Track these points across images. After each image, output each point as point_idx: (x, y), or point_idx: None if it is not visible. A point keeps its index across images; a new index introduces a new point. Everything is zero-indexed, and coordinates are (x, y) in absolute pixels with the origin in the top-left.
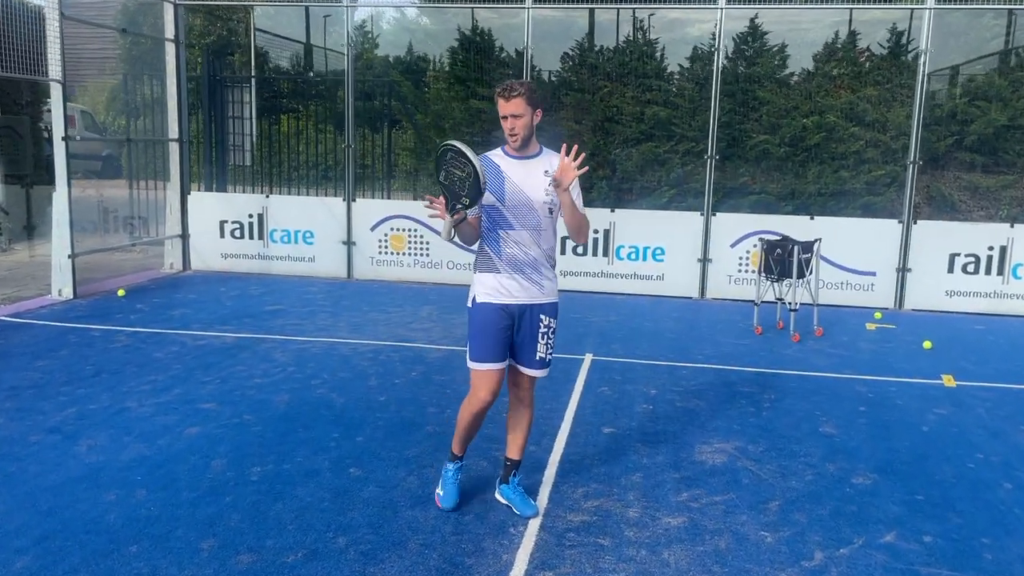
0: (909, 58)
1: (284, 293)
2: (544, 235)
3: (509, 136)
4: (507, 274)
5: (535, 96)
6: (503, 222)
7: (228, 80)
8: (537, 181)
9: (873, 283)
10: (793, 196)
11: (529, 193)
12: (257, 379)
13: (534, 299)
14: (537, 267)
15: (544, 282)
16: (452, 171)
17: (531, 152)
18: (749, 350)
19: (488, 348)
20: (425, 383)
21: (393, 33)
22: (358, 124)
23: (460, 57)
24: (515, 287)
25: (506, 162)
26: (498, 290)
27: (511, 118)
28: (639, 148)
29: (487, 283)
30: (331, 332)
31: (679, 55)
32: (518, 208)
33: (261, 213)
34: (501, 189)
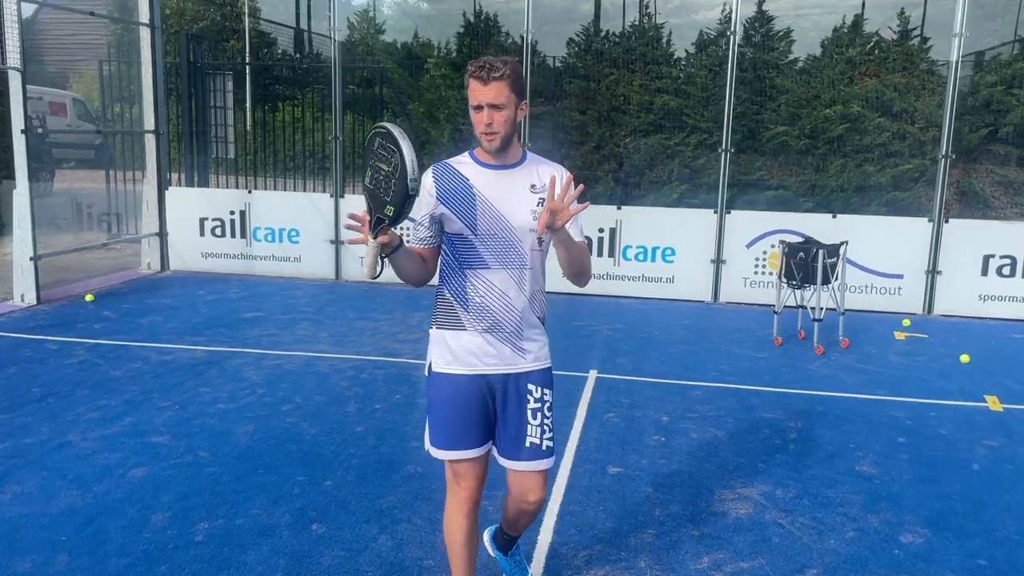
0: (915, 43)
1: (266, 297)
2: (530, 276)
3: (484, 136)
4: (476, 332)
5: (521, 82)
6: (472, 258)
7: (209, 67)
8: (521, 199)
9: (900, 287)
10: (813, 192)
11: (510, 217)
12: (221, 404)
13: (515, 366)
14: (520, 322)
15: (529, 344)
16: (378, 166)
17: (512, 159)
18: (769, 365)
19: (457, 429)
20: (409, 409)
21: (394, 18)
22: (350, 114)
23: (467, 42)
24: (488, 351)
25: (477, 172)
26: (465, 355)
27: (488, 109)
28: (648, 140)
29: (449, 345)
30: (310, 344)
31: (686, 40)
32: (494, 238)
33: (243, 210)
34: (470, 211)
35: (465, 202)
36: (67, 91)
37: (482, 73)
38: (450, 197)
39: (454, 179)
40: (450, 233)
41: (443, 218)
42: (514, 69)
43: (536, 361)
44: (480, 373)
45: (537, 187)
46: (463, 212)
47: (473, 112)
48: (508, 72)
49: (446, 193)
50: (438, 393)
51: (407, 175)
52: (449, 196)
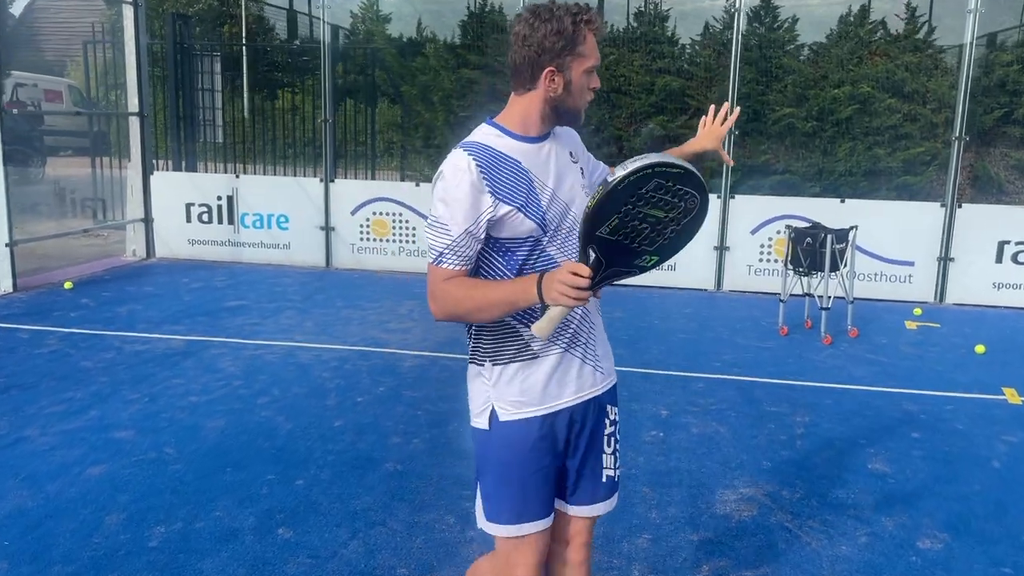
0: (921, 36)
1: (252, 285)
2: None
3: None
4: (555, 356)
5: None
6: (540, 263)
7: (197, 49)
8: (572, 175)
9: (911, 274)
10: (821, 176)
11: (570, 199)
12: (193, 396)
13: (596, 387)
14: (594, 329)
15: (604, 354)
16: (646, 214)
17: (542, 129)
18: (775, 356)
19: (530, 498)
20: (393, 401)
21: (396, 5)
22: (342, 97)
23: (470, 32)
24: (570, 377)
25: (522, 150)
26: (541, 390)
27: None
28: (648, 122)
29: (517, 382)
30: (294, 334)
31: (692, 30)
32: (559, 231)
33: (231, 195)
34: (536, 203)
35: (526, 193)
36: (63, 78)
37: (596, 20)
38: (509, 191)
39: (502, 163)
40: (505, 239)
41: (503, 220)
42: None
43: (610, 375)
44: (558, 409)
45: (574, 155)
46: (530, 207)
47: (585, 77)
48: None
49: (503, 186)
50: (508, 449)
51: (701, 216)
52: (508, 190)
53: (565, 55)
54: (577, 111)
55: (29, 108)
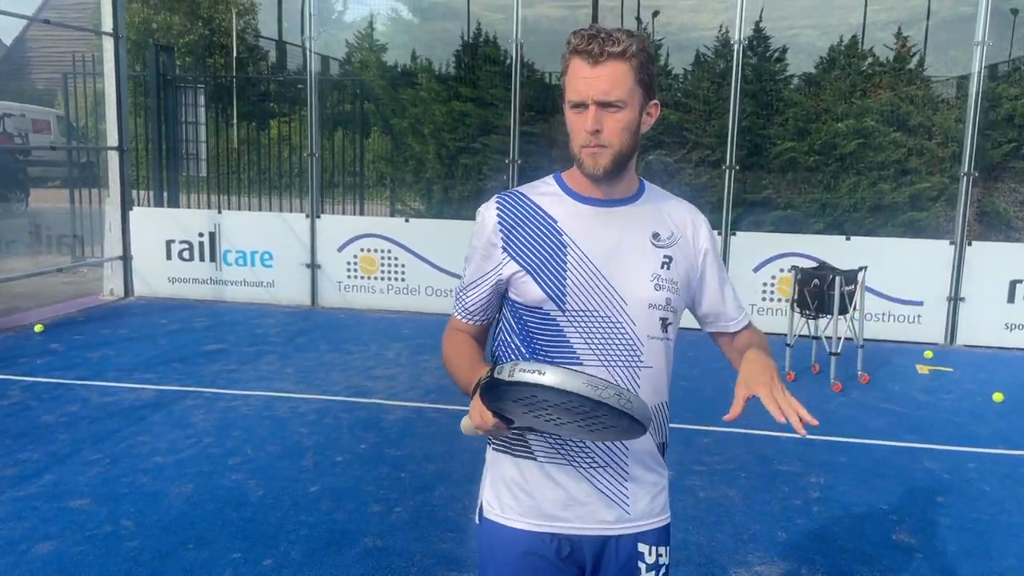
0: (913, 65)
1: (232, 327)
2: (646, 378)
3: (584, 151)
4: (553, 465)
5: (651, 68)
6: (554, 345)
7: (180, 80)
8: (638, 256)
9: (920, 314)
10: (824, 211)
11: (618, 283)
12: (159, 457)
13: (617, 525)
14: (626, 453)
15: (639, 487)
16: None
17: (625, 192)
18: None
19: None
20: (374, 462)
21: (388, 35)
22: (334, 127)
23: (465, 62)
24: (570, 498)
25: (569, 210)
26: (533, 498)
27: (597, 108)
28: (646, 157)
29: (510, 480)
30: (272, 382)
31: (684, 60)
32: (593, 317)
33: (213, 231)
34: (557, 270)
35: (549, 256)
36: (52, 109)
37: (593, 47)
38: (524, 247)
39: (532, 218)
40: (518, 302)
41: (510, 281)
42: (642, 47)
43: (649, 517)
44: (559, 532)
45: (663, 238)
46: (545, 272)
47: (572, 113)
48: (634, 49)
49: (520, 241)
50: (489, 554)
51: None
52: (523, 245)
53: (563, 89)
54: (576, 158)
55: (16, 140)
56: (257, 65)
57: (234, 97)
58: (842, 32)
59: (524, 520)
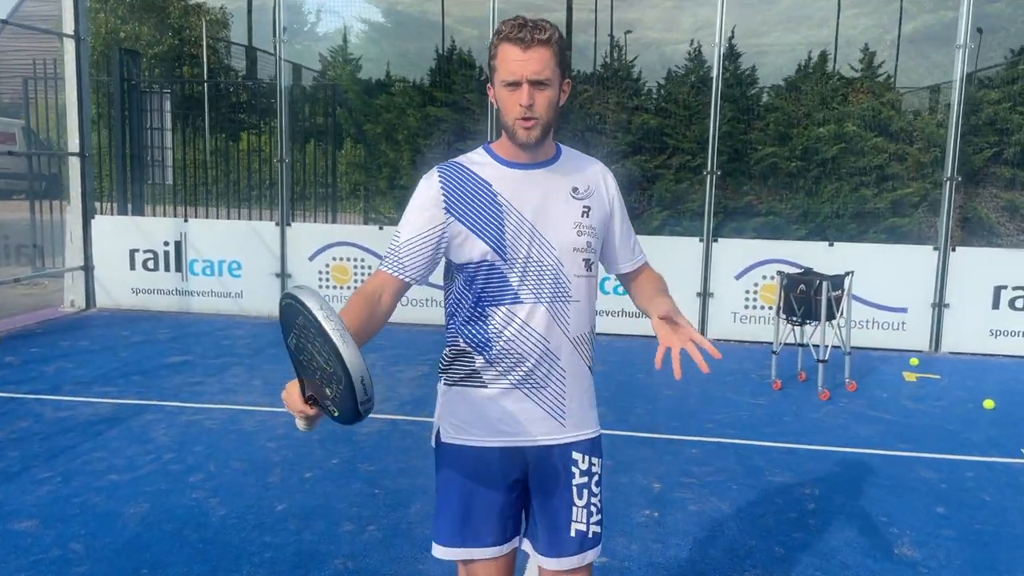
0: (880, 80)
1: (198, 338)
2: (575, 311)
3: (519, 123)
4: (502, 389)
5: (567, 51)
6: (498, 291)
7: (145, 86)
8: (562, 208)
9: (904, 321)
10: (806, 218)
11: (548, 233)
12: (115, 474)
13: (554, 435)
14: (562, 375)
15: (574, 404)
16: (306, 347)
17: (546, 155)
18: (771, 413)
19: (472, 520)
20: (347, 477)
21: (362, 47)
22: (306, 139)
23: (439, 79)
24: (518, 415)
25: (501, 174)
26: (485, 420)
27: (529, 86)
28: (625, 163)
29: (463, 407)
30: (239, 395)
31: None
32: (528, 262)
33: (178, 240)
34: (497, 227)
35: (489, 215)
36: (17, 120)
37: (524, 34)
38: (467, 210)
39: (471, 184)
40: (461, 262)
41: (454, 241)
42: (560, 35)
43: (582, 428)
44: (506, 445)
45: (580, 191)
46: (487, 229)
47: (504, 91)
48: (556, 36)
49: (461, 204)
50: (447, 471)
51: (355, 397)
52: (466, 208)
53: (492, 71)
54: (509, 129)
55: None
56: (228, 75)
57: (205, 106)
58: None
59: (478, 436)
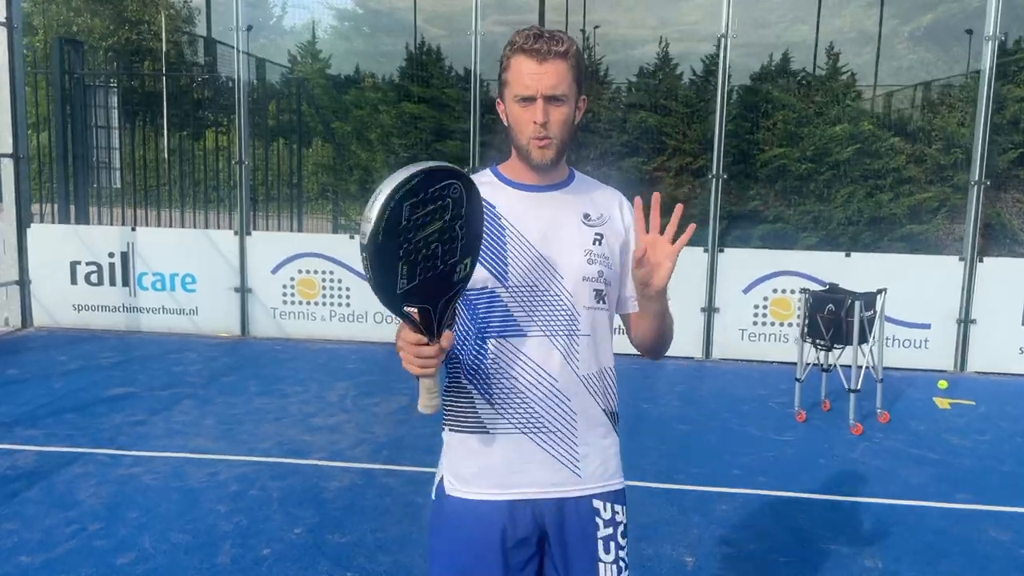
0: (844, 79)
1: (145, 364)
2: (586, 346)
3: (534, 142)
4: (506, 435)
5: (584, 66)
6: (498, 322)
7: (89, 79)
8: (572, 235)
9: (927, 338)
10: (817, 225)
11: (555, 260)
12: (25, 555)
13: (570, 487)
14: (574, 417)
15: (590, 450)
16: (423, 237)
17: (557, 178)
18: (802, 454)
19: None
20: (312, 554)
21: (331, 43)
22: (272, 138)
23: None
24: (524, 465)
25: (507, 196)
26: (489, 469)
27: (544, 102)
28: (621, 165)
29: (465, 454)
30: (187, 439)
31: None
32: (533, 292)
33: (125, 251)
34: (499, 251)
35: (490, 238)
36: None
37: (540, 46)
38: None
39: None
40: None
41: None
42: (578, 48)
43: (602, 479)
44: (514, 499)
45: (592, 218)
46: (487, 252)
47: (517, 107)
48: (574, 50)
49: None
50: (447, 528)
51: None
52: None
53: (503, 85)
54: (522, 149)
55: None
56: (191, 71)
57: (164, 102)
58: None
59: (481, 491)
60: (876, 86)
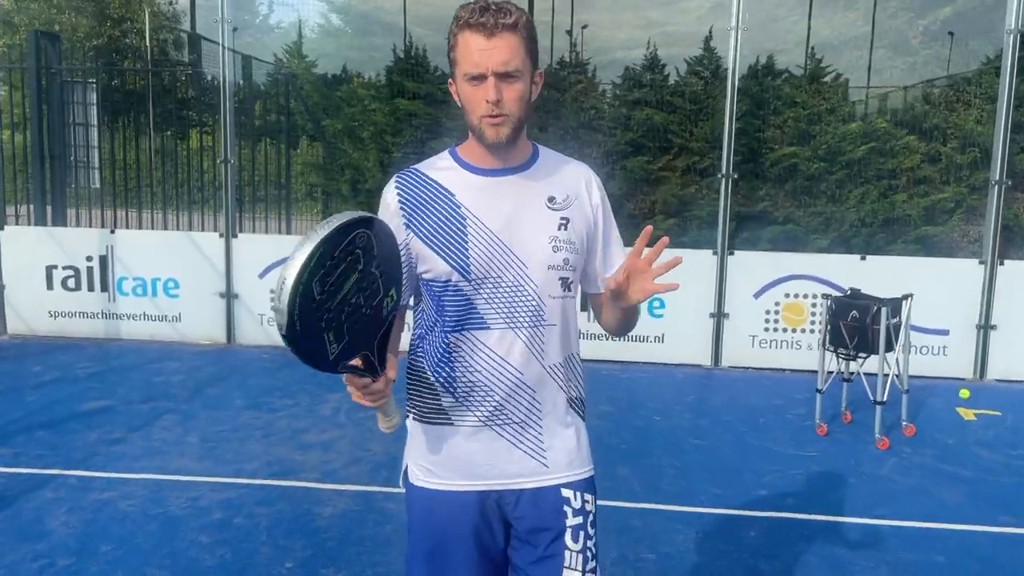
0: (829, 80)
1: (125, 374)
2: (551, 336)
3: (487, 121)
4: (469, 427)
5: (536, 38)
6: (461, 314)
7: (67, 74)
8: (535, 220)
9: (945, 345)
10: (828, 227)
11: (518, 248)
12: None
13: (537, 477)
14: (539, 409)
15: (557, 441)
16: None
17: (518, 159)
18: (828, 472)
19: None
20: None
21: (318, 42)
22: (259, 137)
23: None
24: (489, 457)
25: (465, 181)
26: (455, 460)
27: (496, 79)
28: (625, 164)
29: (429, 445)
30: (168, 459)
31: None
32: (496, 283)
33: (104, 254)
34: (459, 241)
35: (449, 228)
36: None
37: (486, 19)
38: (427, 224)
39: (431, 194)
40: (427, 278)
41: (418, 259)
42: (529, 19)
43: (571, 468)
44: (479, 489)
45: (558, 201)
46: (446, 244)
47: (467, 86)
48: (524, 21)
49: (420, 218)
50: (418, 518)
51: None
52: (425, 223)
53: (452, 64)
54: (475, 128)
55: None
56: (174, 68)
57: (149, 100)
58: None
59: (446, 482)
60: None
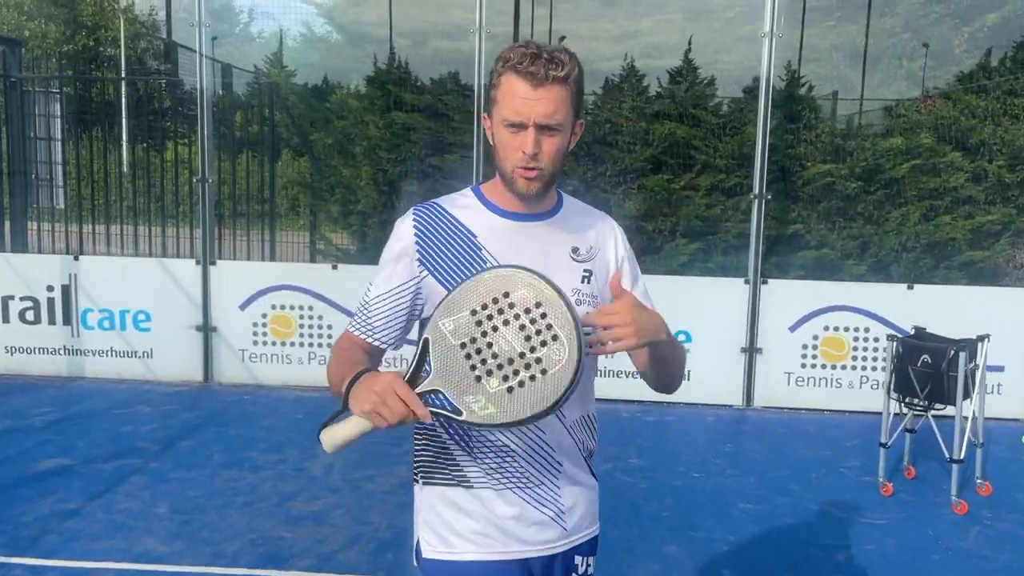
0: (803, 91)
1: (88, 422)
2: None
3: (520, 172)
4: (489, 490)
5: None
6: None
7: (28, 83)
8: (560, 272)
9: (1000, 383)
10: (865, 252)
11: None
12: None
13: (558, 541)
14: (559, 469)
15: (574, 501)
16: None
17: (544, 206)
18: (904, 546)
19: None
20: None
21: (300, 51)
22: (239, 150)
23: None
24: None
25: (489, 224)
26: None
27: (536, 130)
28: (644, 182)
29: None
30: (132, 538)
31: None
32: None
33: (67, 284)
34: None
35: (469, 271)
36: None
37: (536, 68)
38: (444, 265)
39: (451, 233)
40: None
41: (429, 301)
42: (579, 69)
43: (583, 528)
44: (500, 559)
45: (582, 252)
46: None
47: (505, 131)
48: (575, 73)
49: (438, 257)
50: None
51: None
52: (443, 263)
53: (491, 102)
54: (506, 176)
55: None
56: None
57: (123, 112)
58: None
59: (465, 549)
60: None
